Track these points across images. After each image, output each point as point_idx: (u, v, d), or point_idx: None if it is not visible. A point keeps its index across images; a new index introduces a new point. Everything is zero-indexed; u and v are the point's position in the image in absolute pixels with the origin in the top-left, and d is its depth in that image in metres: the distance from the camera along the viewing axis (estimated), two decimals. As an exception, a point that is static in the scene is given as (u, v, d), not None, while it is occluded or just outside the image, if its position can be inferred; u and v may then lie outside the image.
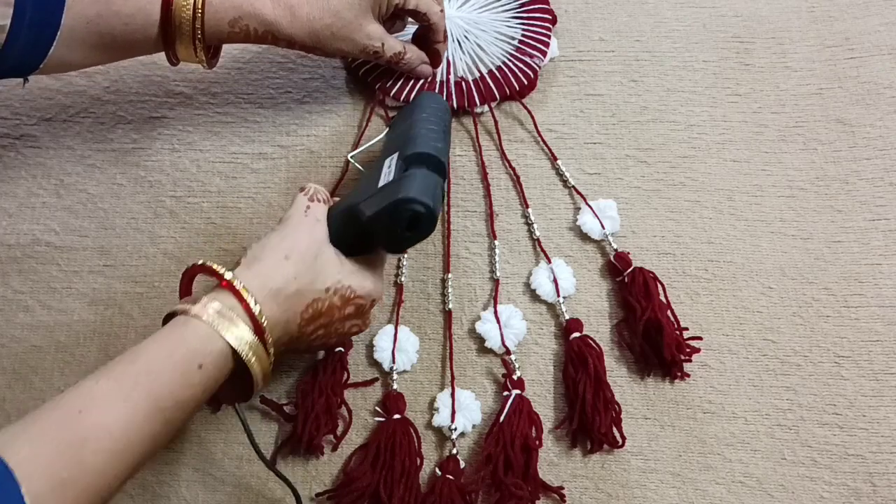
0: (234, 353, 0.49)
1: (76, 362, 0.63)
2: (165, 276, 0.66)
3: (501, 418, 0.59)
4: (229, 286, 0.50)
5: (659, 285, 0.64)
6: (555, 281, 0.65)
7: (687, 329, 0.63)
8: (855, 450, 0.60)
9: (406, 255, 0.66)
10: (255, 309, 0.50)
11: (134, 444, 0.44)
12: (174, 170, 0.70)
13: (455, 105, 0.71)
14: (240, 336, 0.49)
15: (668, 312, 0.63)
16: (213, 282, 0.51)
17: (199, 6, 0.59)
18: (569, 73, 0.74)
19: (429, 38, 0.70)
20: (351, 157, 0.68)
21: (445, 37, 0.70)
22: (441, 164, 0.58)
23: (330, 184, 0.69)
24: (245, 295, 0.50)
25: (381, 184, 0.56)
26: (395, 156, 0.58)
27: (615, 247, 0.66)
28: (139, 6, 0.59)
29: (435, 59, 0.71)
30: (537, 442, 0.59)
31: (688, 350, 0.62)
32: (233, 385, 0.51)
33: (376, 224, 0.54)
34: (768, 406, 0.62)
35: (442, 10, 0.69)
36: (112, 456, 0.43)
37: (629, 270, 0.64)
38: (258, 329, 0.50)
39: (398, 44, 0.68)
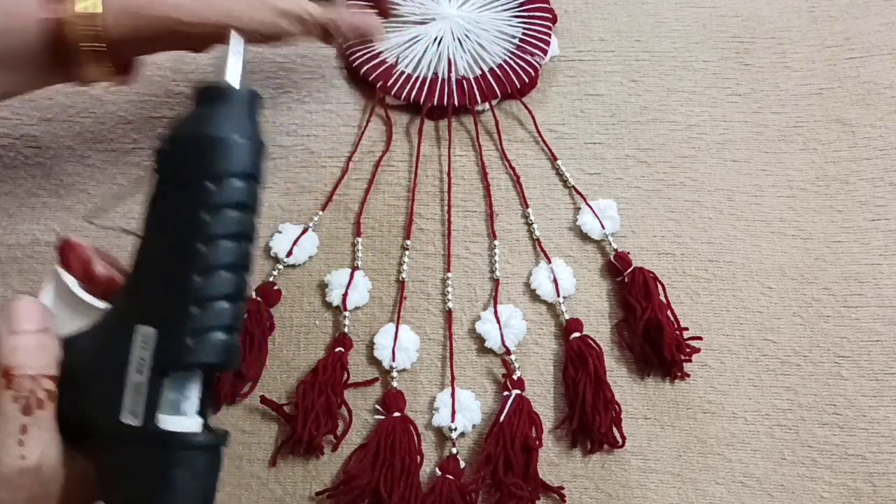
0: None
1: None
2: (165, 276, 0.66)
3: (501, 418, 0.59)
4: None
5: (659, 285, 0.64)
6: (555, 281, 0.65)
7: (687, 329, 0.63)
8: (855, 450, 0.60)
9: (407, 254, 0.66)
10: None
11: None
12: (174, 170, 0.70)
13: (456, 102, 0.71)
14: None
15: (668, 312, 0.63)
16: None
17: None
18: (569, 72, 0.74)
19: None
20: (88, 220, 0.53)
21: None
22: (234, 361, 0.38)
23: (330, 183, 0.69)
24: None
25: (124, 405, 0.36)
26: (152, 336, 0.37)
27: (615, 247, 0.66)
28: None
29: (384, 8, 0.67)
30: (537, 442, 0.59)
31: (688, 350, 0.62)
32: None
33: None
34: (768, 406, 0.62)
35: None
36: None
37: (629, 270, 0.64)
38: None
39: (322, 7, 0.59)
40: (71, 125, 0.71)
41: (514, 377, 0.61)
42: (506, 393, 0.61)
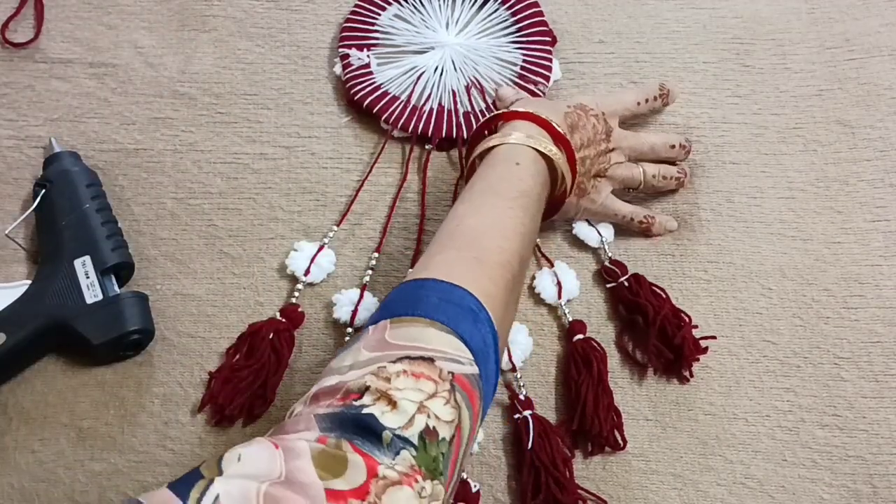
0: (542, 156, 0.58)
1: (78, 365, 0.63)
2: (167, 279, 0.66)
3: (529, 445, 0.58)
4: (514, 115, 0.60)
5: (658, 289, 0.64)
6: (558, 284, 0.65)
7: (697, 326, 0.63)
8: (855, 451, 0.60)
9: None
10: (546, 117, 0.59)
11: (514, 234, 0.54)
12: (175, 171, 0.70)
13: (465, 137, 0.69)
14: (545, 146, 0.58)
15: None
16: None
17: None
18: (569, 75, 0.74)
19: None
20: (8, 234, 0.66)
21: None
22: (133, 266, 0.65)
23: (330, 184, 0.69)
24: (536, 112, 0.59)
25: (86, 296, 0.61)
26: (87, 260, 0.62)
27: (610, 254, 0.66)
28: None
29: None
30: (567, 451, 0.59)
31: (703, 347, 0.62)
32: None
33: (103, 348, 0.61)
34: (769, 407, 0.62)
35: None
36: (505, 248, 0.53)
37: (628, 276, 0.64)
38: (555, 134, 0.59)
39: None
40: (76, 125, 0.71)
41: (521, 397, 0.61)
42: (517, 416, 0.60)
